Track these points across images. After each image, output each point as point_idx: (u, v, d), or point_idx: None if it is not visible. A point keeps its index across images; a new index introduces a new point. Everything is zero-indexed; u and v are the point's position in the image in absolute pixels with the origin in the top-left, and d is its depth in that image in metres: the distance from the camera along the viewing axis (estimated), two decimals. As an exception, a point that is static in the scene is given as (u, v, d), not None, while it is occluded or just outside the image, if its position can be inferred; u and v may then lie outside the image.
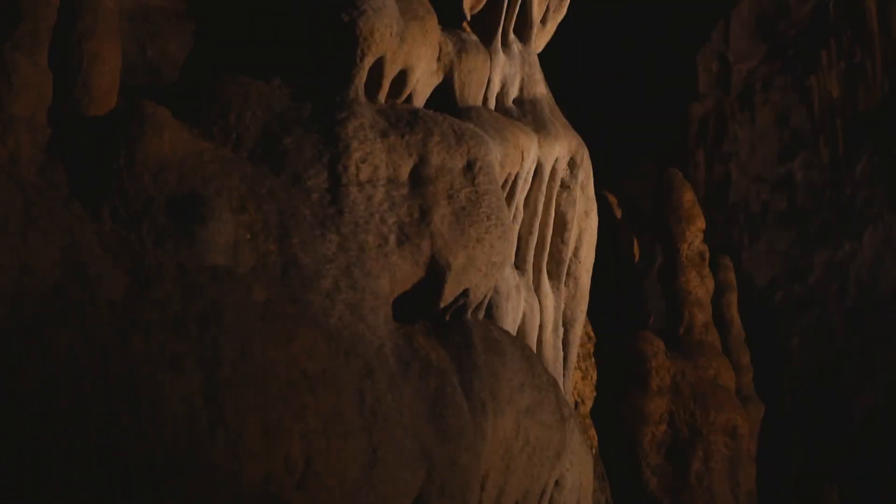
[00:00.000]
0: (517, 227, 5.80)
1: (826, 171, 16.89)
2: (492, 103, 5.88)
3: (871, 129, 16.77)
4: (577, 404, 7.23)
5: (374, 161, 4.80)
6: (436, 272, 4.76)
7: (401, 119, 5.01)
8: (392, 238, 4.70)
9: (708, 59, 17.01)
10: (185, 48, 16.06)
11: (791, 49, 16.94)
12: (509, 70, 5.97)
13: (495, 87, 5.90)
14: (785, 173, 17.02)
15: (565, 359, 6.26)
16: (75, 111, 4.65)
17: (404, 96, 5.36)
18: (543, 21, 6.27)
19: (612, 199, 7.81)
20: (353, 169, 4.74)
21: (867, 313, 16.21)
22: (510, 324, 5.54)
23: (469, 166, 5.00)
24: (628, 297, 7.74)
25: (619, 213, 8.04)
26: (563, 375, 6.23)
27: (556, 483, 5.32)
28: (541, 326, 5.96)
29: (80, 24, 4.81)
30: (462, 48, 5.66)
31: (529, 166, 5.74)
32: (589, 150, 6.43)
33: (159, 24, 17.45)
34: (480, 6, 5.93)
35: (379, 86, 5.14)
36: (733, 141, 17.03)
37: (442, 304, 4.85)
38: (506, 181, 5.55)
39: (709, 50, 16.99)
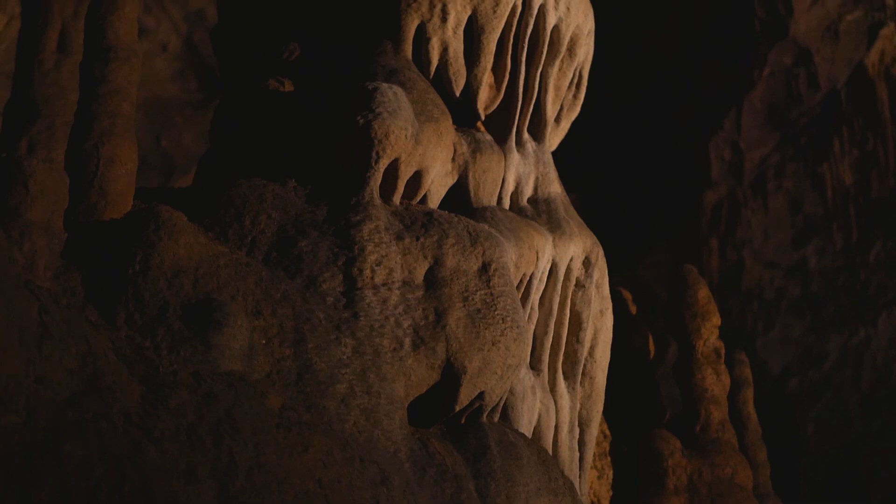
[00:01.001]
0: (532, 328, 5.79)
1: (840, 257, 16.87)
2: (506, 203, 5.89)
3: (884, 215, 16.77)
4: (593, 505, 7.19)
5: (389, 264, 4.80)
6: (451, 376, 4.74)
7: (416, 221, 5.02)
8: (407, 341, 4.69)
9: (720, 147, 17.06)
10: (200, 139, 16.25)
11: (803, 137, 16.99)
12: (524, 169, 5.98)
13: (510, 187, 5.92)
14: (799, 259, 17.01)
15: (581, 459, 6.21)
16: (91, 214, 4.68)
17: (419, 197, 5.38)
18: (557, 120, 6.31)
19: (627, 296, 7.78)
20: (368, 272, 4.74)
21: (883, 399, 16.12)
22: (526, 425, 5.51)
23: (484, 268, 4.99)
24: (644, 394, 7.69)
25: (634, 310, 8.00)
26: (580, 476, 6.18)
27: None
28: (556, 427, 5.92)
29: (97, 127, 4.85)
30: (476, 148, 5.68)
31: (544, 266, 5.73)
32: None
33: (174, 115, 17.66)
34: (495, 106, 5.97)
35: (394, 187, 5.16)
36: (746, 228, 17.04)
37: (457, 408, 4.83)
38: (521, 281, 5.55)
39: (721, 138, 17.04)
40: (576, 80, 6.32)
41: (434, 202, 5.49)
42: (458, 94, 5.78)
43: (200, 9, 16.92)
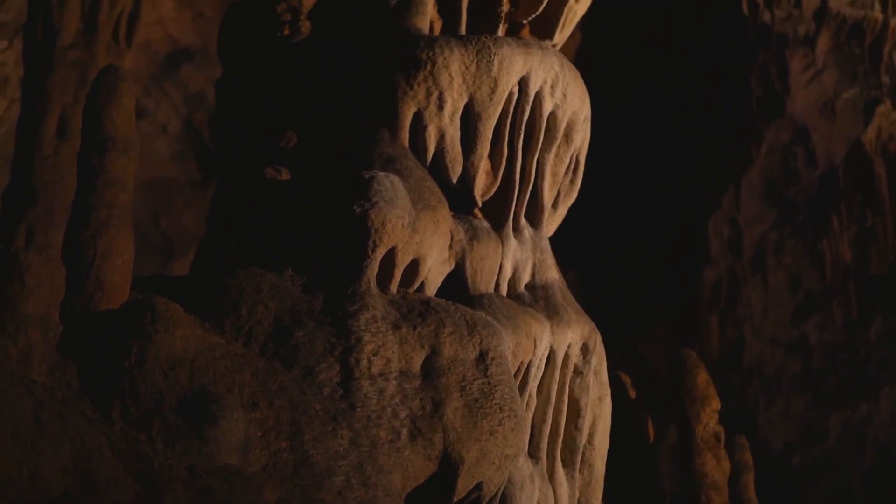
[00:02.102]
0: (530, 416, 5.76)
1: (840, 333, 16.84)
2: (504, 289, 5.88)
3: (883, 291, 16.78)
4: (593, 591, 7.11)
5: (386, 354, 4.78)
6: (448, 466, 4.70)
7: (413, 310, 5.01)
8: (404, 432, 4.65)
9: (719, 224, 17.10)
10: (200, 220, 16.26)
11: (802, 213, 17.03)
12: (521, 255, 5.99)
13: (507, 273, 5.91)
14: (799, 335, 16.97)
15: (581, 547, 6.16)
16: (88, 305, 4.67)
17: (416, 285, 5.37)
18: (554, 205, 6.32)
19: (626, 379, 7.76)
20: (364, 362, 4.73)
21: (886, 476, 16.04)
22: (525, 514, 5.47)
23: (482, 357, 4.97)
24: (643, 478, 7.65)
25: (633, 394, 7.98)
26: (580, 564, 6.13)
27: None
28: (556, 516, 5.88)
29: (94, 218, 4.85)
30: (474, 235, 5.69)
31: (542, 353, 5.71)
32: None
33: (174, 196, 17.70)
34: (492, 192, 5.99)
35: (391, 275, 5.15)
36: (746, 304, 17.02)
37: (455, 499, 4.78)
38: (518, 369, 5.53)
39: (720, 215, 17.09)
40: (573, 166, 6.33)
41: (431, 290, 5.48)
42: (454, 180, 5.80)
43: (200, 90, 17.03)
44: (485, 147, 5.84)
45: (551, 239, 6.45)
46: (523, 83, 5.88)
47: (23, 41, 13.22)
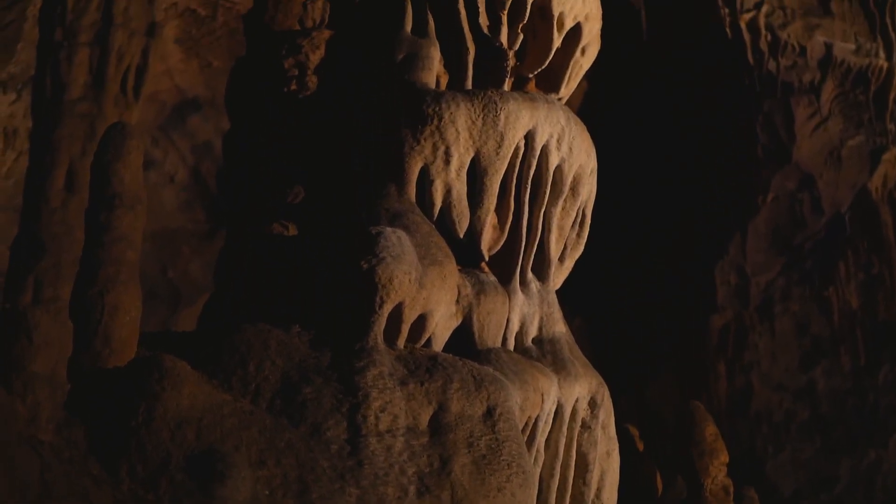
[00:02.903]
0: (538, 471, 5.74)
1: (848, 379, 16.79)
2: (511, 343, 5.88)
3: (891, 338, 16.73)
4: None
5: (393, 410, 4.77)
6: (457, 524, 4.69)
7: (420, 366, 5.01)
8: (412, 489, 4.64)
9: (726, 271, 17.08)
10: (207, 269, 16.30)
11: (808, 261, 17.01)
12: (528, 309, 5.99)
13: (514, 327, 5.91)
14: (807, 382, 16.92)
15: None
16: (95, 362, 4.67)
17: (423, 340, 5.37)
18: (561, 259, 6.32)
19: (634, 432, 7.73)
20: (372, 419, 4.72)
21: (896, 522, 15.98)
22: (533, 570, 5.43)
23: (489, 413, 4.97)
24: (652, 534, 7.63)
25: (641, 446, 7.95)
26: None
27: None
28: (564, 571, 5.85)
29: (101, 274, 4.86)
30: (481, 290, 5.69)
31: (550, 408, 5.70)
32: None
33: (181, 245, 17.74)
34: (499, 247, 5.99)
35: (398, 331, 5.15)
36: (754, 351, 16.98)
37: (463, 555, 4.77)
38: (526, 424, 5.51)
39: (726, 263, 17.07)
40: (579, 220, 6.34)
41: (438, 345, 5.47)
42: (461, 235, 5.81)
43: (208, 140, 17.09)
44: (491, 201, 5.85)
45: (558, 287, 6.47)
46: (529, 137, 5.90)
47: (31, 94, 13.29)
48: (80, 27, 12.76)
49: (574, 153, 6.10)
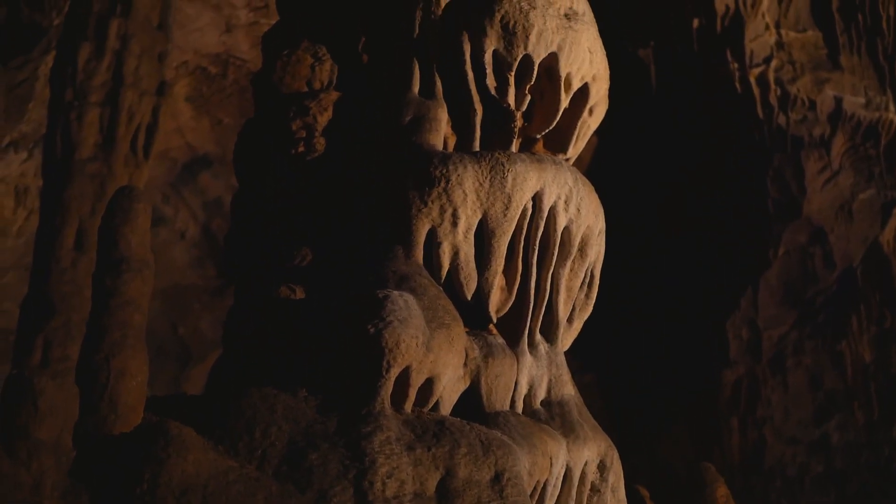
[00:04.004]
0: (548, 536, 5.70)
1: (862, 433, 16.72)
2: (519, 406, 5.85)
3: (904, 391, 16.73)
4: None
5: (400, 476, 4.75)
6: (465, 591, 4.65)
7: (427, 430, 4.99)
8: (419, 556, 4.61)
9: (738, 326, 17.07)
10: (217, 326, 16.30)
11: (821, 314, 16.99)
12: (536, 371, 5.96)
13: (522, 390, 5.88)
14: (820, 436, 16.86)
15: None
16: (101, 428, 4.66)
17: (430, 404, 5.34)
18: (570, 320, 6.29)
19: (644, 493, 7.67)
20: (378, 485, 4.69)
21: (910, 577, 15.91)
22: None
23: (497, 478, 4.94)
24: None
25: (651, 508, 7.89)
26: None
27: None
28: None
29: (108, 339, 4.86)
30: (489, 352, 5.67)
31: (558, 472, 5.66)
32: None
33: (191, 302, 17.78)
34: (506, 308, 5.97)
35: (405, 395, 5.13)
36: (766, 405, 16.93)
37: None
38: (534, 489, 5.47)
39: (738, 317, 17.06)
40: (587, 280, 6.32)
41: (446, 408, 5.45)
42: (469, 297, 5.79)
43: (218, 197, 17.18)
44: (499, 263, 5.83)
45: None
46: (537, 199, 5.89)
47: (42, 153, 13.39)
48: (91, 87, 12.86)
49: (582, 214, 6.09)
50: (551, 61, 6.18)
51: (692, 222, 17.79)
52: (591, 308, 6.42)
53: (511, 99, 6.22)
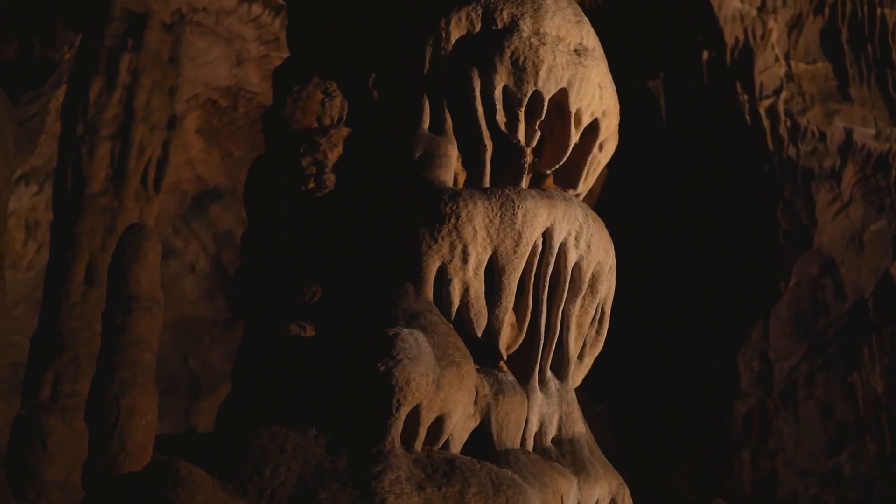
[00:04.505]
0: (558, 575, 5.66)
1: (875, 465, 16.66)
2: (530, 444, 5.82)
3: (916, 424, 16.69)
4: None
5: (410, 516, 4.73)
6: None
7: (437, 469, 4.97)
8: None
9: (749, 358, 17.04)
10: (227, 358, 16.30)
11: (832, 346, 16.95)
12: (547, 409, 5.94)
13: (533, 427, 5.86)
14: (833, 467, 16.81)
15: None
16: (110, 467, 4.65)
17: (441, 443, 5.32)
18: (580, 357, 6.28)
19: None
20: (389, 525, 4.68)
21: None
22: None
23: (507, 517, 4.92)
24: None
25: (664, 544, 7.86)
26: None
27: None
28: None
29: (117, 378, 4.86)
30: (499, 389, 5.65)
31: (570, 510, 5.64)
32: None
33: (202, 334, 17.79)
34: (517, 345, 5.96)
35: (415, 433, 5.12)
36: (778, 437, 16.89)
37: None
38: (545, 528, 5.45)
39: (749, 349, 17.03)
40: (598, 317, 6.31)
41: (456, 447, 5.42)
42: (479, 334, 5.78)
43: (228, 229, 17.22)
44: (509, 300, 5.82)
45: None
46: (547, 235, 5.88)
47: (53, 186, 13.43)
48: (102, 121, 12.91)
49: (592, 250, 6.08)
50: (561, 97, 6.18)
51: (703, 254, 17.78)
52: (601, 345, 6.40)
53: (521, 135, 6.21)
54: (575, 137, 6.34)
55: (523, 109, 6.16)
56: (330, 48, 6.79)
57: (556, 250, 5.94)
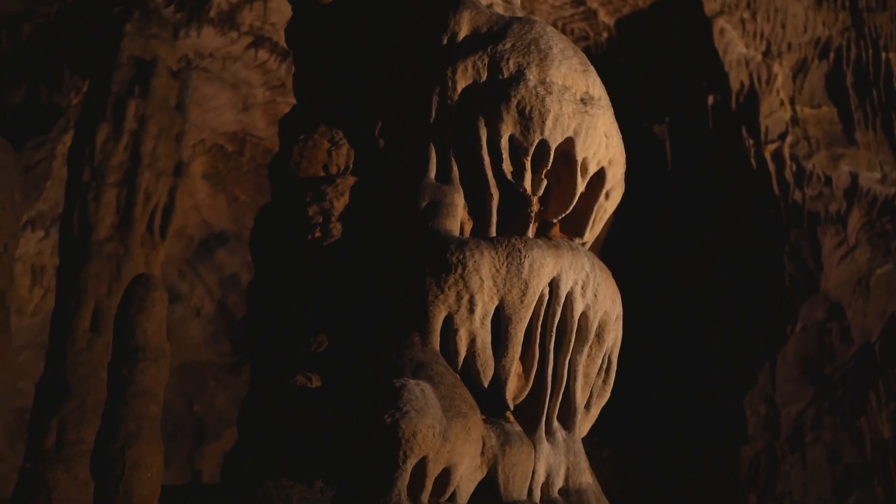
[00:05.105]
0: None
1: (883, 508, 16.64)
2: (537, 494, 5.79)
3: (922, 472, 16.64)
4: None
5: (416, 570, 4.71)
6: None
7: (444, 522, 4.95)
8: None
9: (755, 402, 16.99)
10: (233, 402, 16.28)
11: (839, 390, 16.91)
12: (554, 460, 5.90)
13: (540, 478, 5.82)
14: (841, 511, 16.78)
15: None
16: (116, 520, 4.63)
17: (447, 494, 5.29)
18: (587, 407, 6.25)
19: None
20: (394, 583, 4.65)
21: None
22: None
23: (515, 571, 4.89)
24: None
25: None
26: None
27: None
28: None
29: (123, 430, 4.85)
30: (506, 440, 5.62)
31: (575, 566, 5.61)
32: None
33: (207, 379, 17.77)
34: (524, 396, 5.93)
35: (422, 485, 5.09)
36: (786, 481, 16.82)
37: None
38: (552, 585, 5.41)
39: (755, 393, 16.99)
40: (605, 366, 6.28)
41: (463, 498, 5.39)
42: (486, 384, 5.76)
43: (234, 273, 17.22)
44: (516, 350, 5.80)
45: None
46: (554, 285, 5.87)
47: (59, 231, 13.45)
48: (109, 168, 12.94)
49: (599, 300, 6.06)
50: (568, 146, 6.18)
51: (709, 298, 17.77)
52: (608, 394, 6.37)
53: (527, 184, 6.21)
54: (581, 186, 6.34)
55: (530, 158, 6.16)
56: (336, 96, 6.81)
57: (562, 300, 5.92)
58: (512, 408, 5.90)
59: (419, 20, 6.63)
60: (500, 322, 5.80)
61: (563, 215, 6.41)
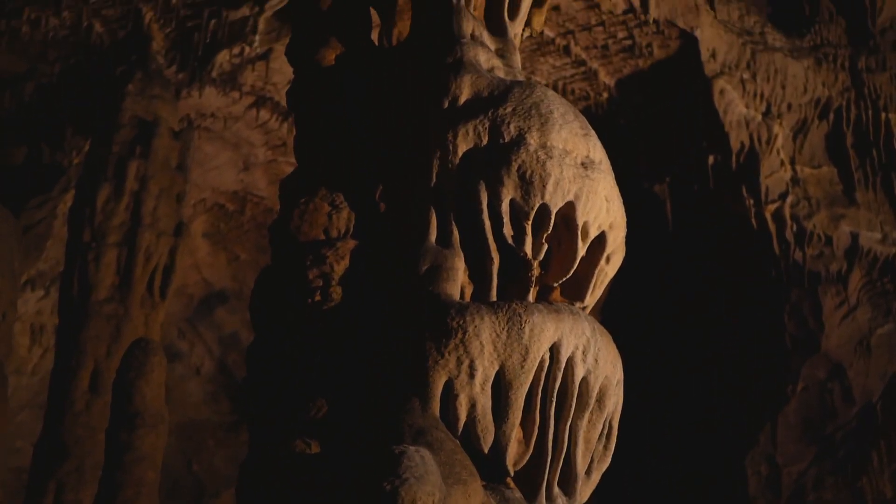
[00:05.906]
0: None
1: (886, 571, 16.52)
2: (538, 561, 5.76)
3: (926, 525, 16.54)
4: None
5: None
6: None
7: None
8: None
9: (756, 462, 16.93)
10: (232, 462, 16.20)
11: (840, 450, 16.85)
12: (555, 519, 5.88)
13: (540, 543, 5.80)
14: (843, 569, 16.69)
15: None
16: (113, 587, 4.60)
17: (449, 540, 5.26)
18: (588, 472, 6.21)
19: None
20: None
21: None
22: None
23: None
24: None
25: None
26: None
27: None
28: None
29: (121, 496, 4.84)
30: (506, 511, 5.59)
31: None
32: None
33: (206, 438, 17.70)
34: (524, 462, 5.90)
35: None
36: (788, 541, 16.75)
37: None
38: None
39: (757, 453, 16.93)
40: (605, 432, 6.24)
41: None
42: (486, 450, 5.73)
43: (234, 331, 17.19)
44: (517, 416, 5.78)
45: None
46: (554, 350, 5.85)
47: (59, 291, 13.44)
48: (109, 228, 12.97)
49: (600, 364, 6.04)
50: (568, 210, 6.18)
51: (710, 357, 17.75)
52: (609, 460, 6.33)
53: (528, 248, 6.21)
54: (582, 250, 6.33)
55: (530, 223, 6.16)
56: (337, 159, 6.82)
57: (563, 365, 5.90)
58: (512, 474, 5.86)
59: (421, 84, 6.66)
60: (501, 387, 5.78)
61: (564, 279, 6.41)
